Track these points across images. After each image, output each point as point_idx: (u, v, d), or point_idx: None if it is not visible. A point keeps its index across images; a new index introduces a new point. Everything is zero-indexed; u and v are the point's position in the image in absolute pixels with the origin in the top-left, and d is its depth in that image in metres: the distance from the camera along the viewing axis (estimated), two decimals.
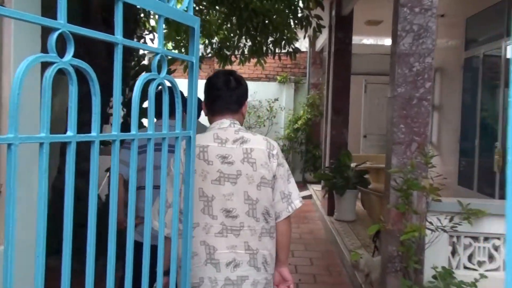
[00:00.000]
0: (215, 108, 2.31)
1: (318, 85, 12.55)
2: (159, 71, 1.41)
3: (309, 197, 10.47)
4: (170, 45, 8.33)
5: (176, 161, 1.69)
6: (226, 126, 2.27)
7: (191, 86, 1.70)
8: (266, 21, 6.89)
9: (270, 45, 7.82)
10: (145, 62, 7.11)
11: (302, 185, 12.15)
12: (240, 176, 2.16)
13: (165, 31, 8.30)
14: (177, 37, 8.14)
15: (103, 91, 1.02)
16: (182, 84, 1.57)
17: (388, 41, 12.93)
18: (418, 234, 3.46)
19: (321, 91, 12.14)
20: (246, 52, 8.22)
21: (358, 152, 11.71)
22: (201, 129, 3.70)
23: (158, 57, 1.42)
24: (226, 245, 2.14)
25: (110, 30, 1.10)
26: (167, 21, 7.87)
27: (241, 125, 2.33)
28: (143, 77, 1.32)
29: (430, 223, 3.69)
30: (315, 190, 10.37)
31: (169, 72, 5.98)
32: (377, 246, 4.64)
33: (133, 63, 6.24)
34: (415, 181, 3.60)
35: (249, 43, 7.73)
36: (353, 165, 7.96)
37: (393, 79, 3.95)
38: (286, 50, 7.79)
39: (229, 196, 2.16)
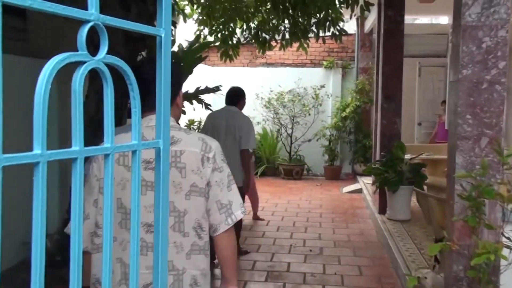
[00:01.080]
0: (143, 104, 1.76)
1: (368, 69, 11.69)
2: (94, 50, 0.76)
3: (359, 191, 9.73)
4: (207, 31, 7.73)
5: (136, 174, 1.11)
6: (154, 124, 1.78)
7: (160, 71, 1.02)
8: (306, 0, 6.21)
9: (313, 27, 7.15)
10: None
11: (351, 177, 11.43)
12: None
13: (195, 15, 7.71)
14: (212, 22, 7.48)
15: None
16: (220, 73, 0.93)
17: (444, 20, 11.88)
18: (494, 255, 2.72)
19: (370, 76, 11.29)
20: (287, 36, 7.57)
21: (412, 142, 10.83)
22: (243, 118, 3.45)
23: (86, 28, 0.76)
24: (145, 265, 1.81)
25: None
26: (198, 2, 7.24)
27: (179, 118, 2.01)
28: (57, 58, 0.68)
29: (508, 238, 2.93)
30: (366, 183, 9.60)
31: (200, 59, 5.12)
32: (439, 259, 3.90)
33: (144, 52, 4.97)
34: (489, 187, 2.85)
35: (288, 25, 7.06)
36: (407, 156, 7.16)
37: (457, 59, 3.19)
38: (331, 32, 7.09)
39: (151, 208, 1.79)
